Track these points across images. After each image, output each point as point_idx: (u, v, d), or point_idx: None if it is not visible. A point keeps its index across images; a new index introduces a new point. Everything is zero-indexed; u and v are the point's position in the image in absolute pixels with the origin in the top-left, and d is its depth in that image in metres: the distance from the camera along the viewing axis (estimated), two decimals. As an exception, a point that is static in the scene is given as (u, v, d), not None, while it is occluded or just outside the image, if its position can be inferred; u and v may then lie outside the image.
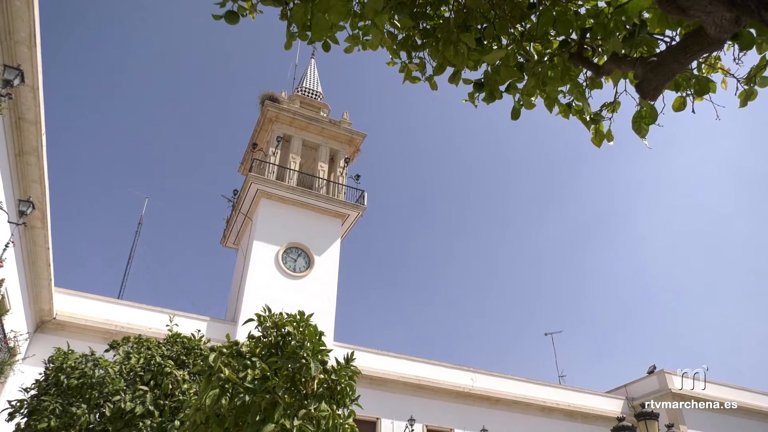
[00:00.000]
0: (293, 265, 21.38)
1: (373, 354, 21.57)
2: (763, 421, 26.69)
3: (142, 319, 17.79)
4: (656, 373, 26.14)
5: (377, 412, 20.40)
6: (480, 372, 23.42)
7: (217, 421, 3.99)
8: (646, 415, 11.81)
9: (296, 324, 4.22)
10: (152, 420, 6.69)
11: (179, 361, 7.32)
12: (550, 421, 23.78)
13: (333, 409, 4.00)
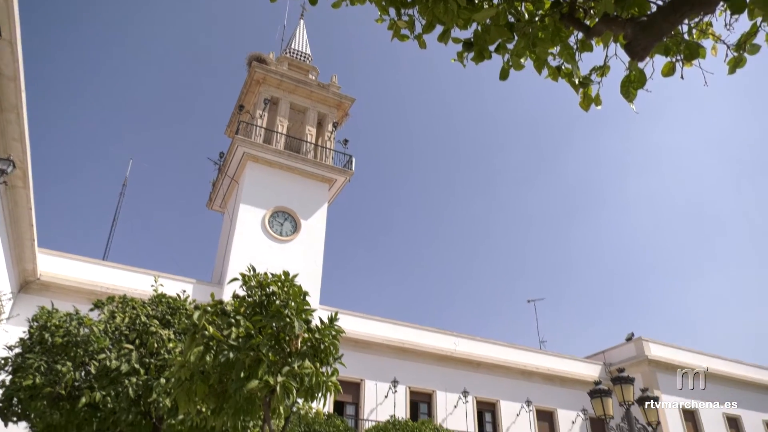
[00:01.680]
0: (280, 228, 21.37)
1: (358, 318, 21.81)
2: (733, 387, 27.63)
3: (128, 280, 17.76)
4: (634, 340, 26.82)
5: (362, 373, 20.76)
6: (463, 336, 23.83)
7: (201, 377, 4.03)
8: (621, 379, 12.12)
9: (281, 284, 4.24)
10: (138, 378, 6.74)
11: (164, 321, 7.36)
12: (530, 385, 24.40)
13: (316, 367, 4.06)
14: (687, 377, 25.89)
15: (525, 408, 23.70)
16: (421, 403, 21.95)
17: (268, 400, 4.04)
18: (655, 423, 11.94)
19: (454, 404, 22.07)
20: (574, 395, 24.76)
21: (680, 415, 25.03)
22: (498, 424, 22.98)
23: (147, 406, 6.79)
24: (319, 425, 12.58)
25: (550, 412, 24.49)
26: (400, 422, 14.15)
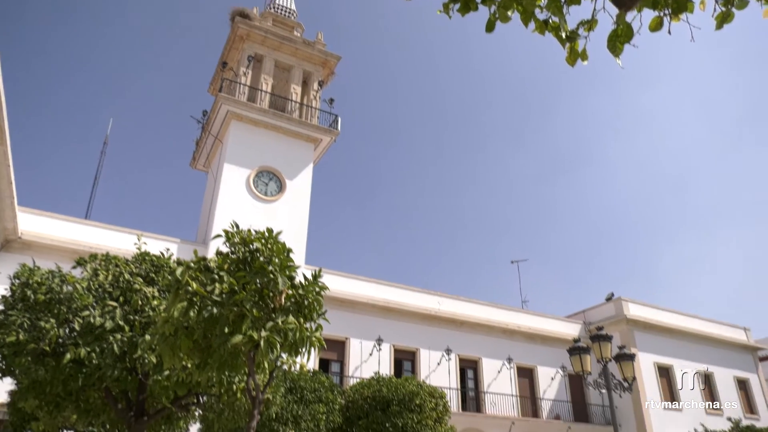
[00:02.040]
0: (264, 188, 21.23)
1: (343, 277, 21.98)
2: (707, 345, 28.56)
3: (110, 239, 17.63)
4: (613, 300, 27.44)
5: (346, 332, 21.07)
6: (446, 296, 24.19)
7: (185, 333, 4.05)
8: (600, 337, 12.45)
9: (264, 241, 4.23)
10: (122, 334, 6.76)
11: (148, 279, 7.34)
12: (511, 343, 24.98)
13: (300, 323, 4.09)
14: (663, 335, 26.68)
15: (506, 365, 24.32)
16: (405, 360, 22.41)
17: (253, 355, 4.08)
18: (630, 378, 12.31)
19: (437, 362, 22.58)
20: (554, 353, 25.44)
21: (655, 371, 25.89)
22: (480, 381, 23.60)
23: (132, 362, 6.83)
24: (304, 381, 12.81)
25: (530, 369, 25.17)
26: (384, 379, 14.44)
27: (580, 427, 24.35)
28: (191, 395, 7.71)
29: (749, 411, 28.25)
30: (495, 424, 22.27)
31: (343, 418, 13.66)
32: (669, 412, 25.18)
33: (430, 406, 13.66)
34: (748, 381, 29.25)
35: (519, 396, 24.07)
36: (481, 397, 23.22)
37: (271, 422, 11.68)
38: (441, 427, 13.70)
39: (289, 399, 12.22)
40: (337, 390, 13.66)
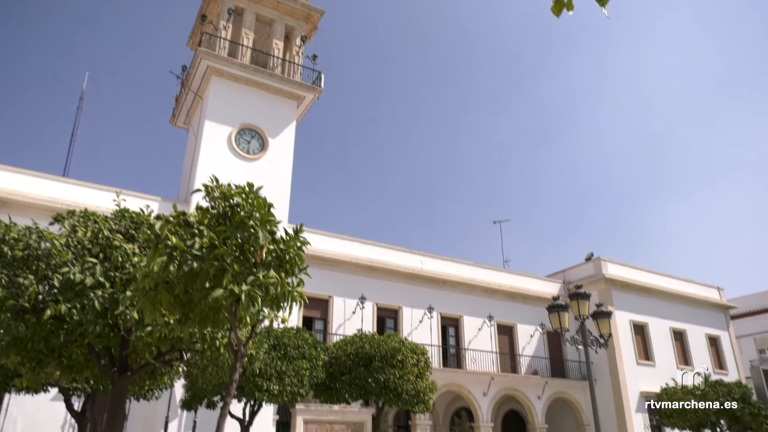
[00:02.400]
0: (246, 146, 20.94)
1: (327, 236, 22.01)
2: (681, 303, 29.37)
3: (89, 197, 17.36)
4: (593, 260, 27.94)
5: (330, 290, 21.24)
6: (429, 255, 24.42)
7: (166, 287, 4.03)
8: (578, 295, 12.71)
9: (245, 195, 4.17)
10: (103, 291, 6.71)
11: (128, 236, 7.25)
12: (492, 301, 25.44)
13: (281, 277, 4.09)
14: (639, 294, 27.33)
15: (487, 323, 24.82)
16: (387, 318, 22.74)
17: (234, 309, 4.09)
18: (607, 335, 12.64)
19: (419, 319, 22.95)
20: (534, 311, 25.99)
21: (631, 328, 26.64)
22: (461, 338, 24.10)
23: (114, 318, 6.81)
24: (288, 338, 12.94)
25: (510, 327, 25.74)
26: (367, 335, 14.67)
27: (556, 382, 25.13)
28: (174, 351, 7.74)
29: (719, 367, 29.34)
30: (475, 380, 22.88)
31: (326, 373, 13.90)
32: (642, 368, 26.06)
33: (411, 361, 13.94)
34: (718, 338, 30.27)
35: (499, 352, 24.67)
36: (462, 354, 23.76)
37: (255, 378, 11.85)
38: (422, 382, 14.02)
39: (272, 355, 12.37)
40: (321, 347, 13.84)
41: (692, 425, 21.15)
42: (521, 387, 24.19)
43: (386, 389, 13.48)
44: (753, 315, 36.64)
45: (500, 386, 23.56)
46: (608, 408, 24.47)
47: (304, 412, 11.43)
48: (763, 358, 35.51)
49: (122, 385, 7.54)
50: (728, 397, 20.46)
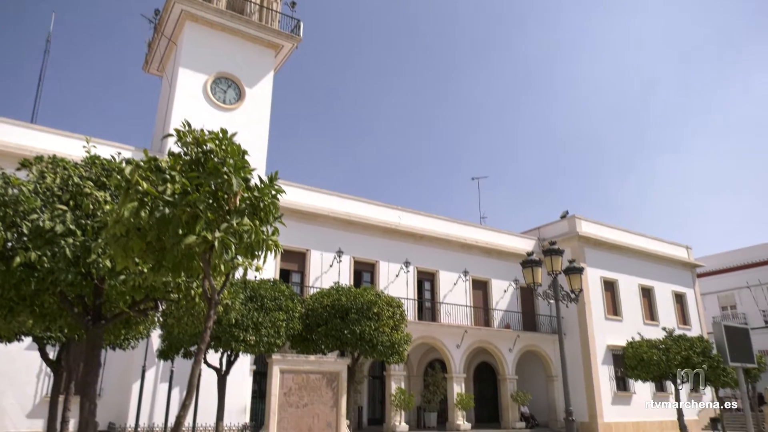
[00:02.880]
0: (223, 96, 20.43)
1: (304, 189, 21.88)
2: (650, 261, 30.18)
3: (58, 144, 16.86)
4: (567, 218, 28.36)
5: (307, 244, 21.27)
6: (407, 210, 24.51)
7: (137, 234, 3.96)
8: (552, 251, 12.95)
9: (218, 141, 4.07)
10: (74, 239, 6.59)
11: (99, 183, 7.06)
12: (468, 257, 25.80)
13: (256, 225, 4.05)
14: (611, 251, 27.93)
15: (462, 278, 25.23)
16: (364, 272, 22.95)
17: (208, 257, 4.05)
18: (578, 290, 12.96)
19: (396, 274, 23.22)
20: (508, 267, 26.47)
21: (601, 284, 27.37)
22: (436, 292, 24.51)
23: (86, 266, 6.70)
24: (264, 290, 12.99)
25: (484, 282, 26.23)
26: (344, 288, 14.79)
27: (528, 335, 25.87)
28: (149, 300, 7.69)
29: (683, 322, 30.47)
30: (449, 333, 23.41)
31: (302, 325, 14.04)
32: (610, 323, 26.93)
33: (387, 314, 14.15)
34: (684, 295, 31.33)
35: (473, 306, 25.20)
36: (437, 308, 24.22)
37: (232, 328, 11.92)
38: (397, 334, 14.28)
39: (249, 307, 12.43)
40: (297, 299, 13.94)
41: (654, 377, 22.09)
42: (493, 340, 24.86)
43: (362, 340, 13.71)
44: (718, 274, 37.91)
45: (473, 339, 24.17)
46: (576, 360, 25.36)
47: (280, 362, 11.58)
48: (725, 314, 36.97)
49: (96, 333, 7.50)
50: (690, 350, 21.34)
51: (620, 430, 24.95)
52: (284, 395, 11.44)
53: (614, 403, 25.52)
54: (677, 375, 21.86)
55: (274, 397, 11.31)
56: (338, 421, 11.82)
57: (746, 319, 34.91)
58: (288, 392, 11.49)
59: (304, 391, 11.68)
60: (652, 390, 27.18)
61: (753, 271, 36.30)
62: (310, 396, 11.71)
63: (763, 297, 35.52)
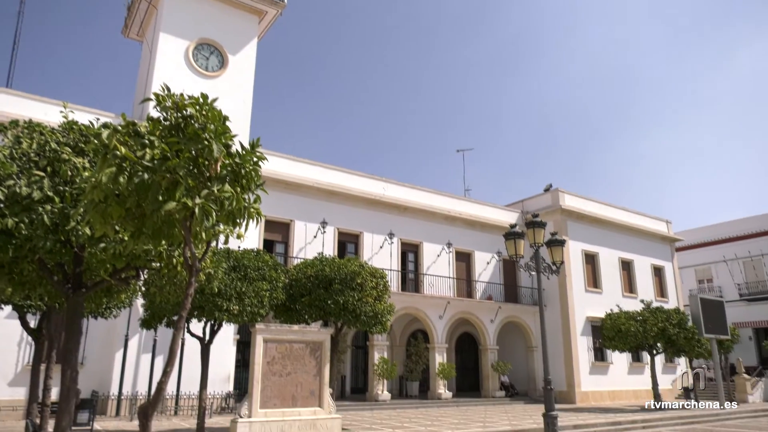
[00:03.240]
0: (205, 63, 20.01)
1: (289, 160, 21.70)
2: (631, 235, 30.60)
3: (35, 109, 16.46)
4: (551, 191, 28.55)
5: (291, 214, 21.20)
6: (391, 182, 24.47)
7: (117, 200, 3.89)
8: (535, 223, 13.05)
9: (199, 107, 3.98)
10: (53, 206, 6.48)
11: (77, 149, 6.91)
12: (452, 229, 25.94)
13: (237, 192, 3.99)
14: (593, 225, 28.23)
15: (446, 249, 25.40)
16: (348, 243, 22.98)
17: (189, 224, 4.00)
18: (559, 262, 13.12)
19: (380, 245, 23.29)
20: (492, 239, 26.69)
21: (582, 257, 27.75)
22: (420, 264, 24.67)
23: (66, 234, 6.61)
24: (248, 260, 12.94)
25: (468, 254, 26.44)
26: (327, 259, 14.80)
27: (509, 306, 26.25)
28: (131, 269, 7.63)
29: (660, 295, 31.12)
30: (432, 304, 23.66)
31: (286, 295, 14.06)
32: (590, 295, 27.39)
33: (370, 284, 14.21)
34: (663, 269, 31.92)
35: (456, 278, 25.44)
36: (420, 279, 24.41)
37: (215, 298, 11.90)
38: (380, 304, 14.38)
39: (232, 276, 12.39)
40: (281, 269, 13.92)
41: (631, 347, 22.63)
42: (475, 311, 25.19)
43: (345, 311, 13.79)
44: (696, 248, 38.64)
45: (456, 310, 24.46)
46: (556, 331, 25.85)
47: (263, 331, 11.63)
48: (702, 287, 37.82)
49: (77, 302, 7.44)
50: (666, 322, 21.86)
51: (597, 398, 25.62)
52: (268, 364, 11.52)
53: (592, 373, 26.15)
54: (653, 346, 22.43)
55: (258, 365, 11.38)
56: (321, 389, 11.96)
57: (722, 293, 35.77)
58: (271, 361, 11.58)
59: (288, 360, 11.77)
60: (629, 360, 27.87)
61: (730, 246, 37.06)
62: (293, 365, 11.81)
63: (739, 271, 36.36)
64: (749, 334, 34.92)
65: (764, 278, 35.23)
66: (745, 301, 35.43)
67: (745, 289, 35.84)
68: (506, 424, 15.44)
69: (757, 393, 27.45)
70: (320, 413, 11.75)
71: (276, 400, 11.43)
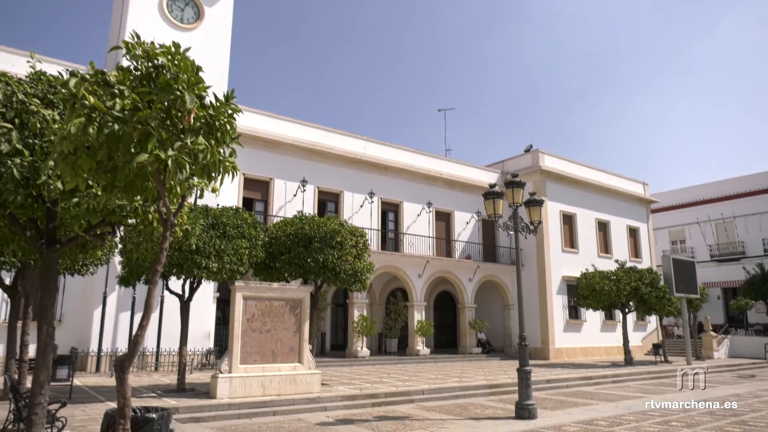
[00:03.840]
0: (180, 14, 19.33)
1: (268, 117, 21.35)
2: (608, 196, 31.02)
3: (3, 62, 15.85)
4: (531, 152, 28.65)
5: (271, 172, 21.00)
6: (372, 141, 24.30)
7: (87, 152, 3.79)
8: (513, 183, 13.09)
9: (171, 56, 3.85)
10: (22, 159, 6.30)
11: (46, 101, 6.69)
12: (432, 188, 26.00)
13: (211, 145, 3.91)
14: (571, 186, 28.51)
15: (426, 209, 25.51)
16: (328, 202, 22.93)
17: (162, 177, 3.92)
18: (537, 222, 13.25)
19: (360, 204, 23.28)
20: (472, 199, 26.84)
21: (560, 218, 28.12)
22: (400, 223, 24.78)
23: (37, 188, 6.46)
24: (227, 218, 12.84)
25: (447, 214, 26.61)
26: (307, 217, 14.76)
27: (488, 266, 26.64)
28: (106, 225, 7.52)
29: (635, 255, 31.82)
30: (411, 263, 23.89)
31: (265, 253, 14.05)
32: (567, 255, 27.89)
33: (350, 243, 14.25)
34: (638, 230, 32.54)
35: (435, 237, 25.65)
36: (400, 238, 24.56)
37: (193, 255, 11.84)
38: (360, 262, 14.45)
39: (211, 234, 12.31)
40: (260, 227, 13.86)
41: (604, 306, 23.24)
42: (454, 270, 25.53)
43: (325, 269, 13.85)
44: (671, 210, 39.39)
45: (435, 269, 24.76)
46: (532, 290, 26.38)
47: (243, 288, 11.65)
48: (675, 248, 38.75)
49: (51, 257, 7.32)
50: (639, 282, 22.42)
51: (570, 354, 26.42)
52: (247, 321, 11.60)
53: (566, 331, 26.88)
54: (626, 304, 23.06)
55: (237, 322, 11.46)
56: (301, 345, 12.11)
57: (694, 254, 36.72)
58: (251, 318, 11.65)
59: (267, 317, 11.85)
60: (602, 318, 28.67)
61: (703, 208, 37.84)
62: (273, 322, 11.90)
63: (711, 233, 37.24)
64: (718, 293, 36.08)
65: (735, 240, 36.19)
66: (716, 261, 36.45)
67: (716, 250, 36.81)
68: (482, 379, 15.88)
69: (723, 350, 28.56)
70: (300, 369, 11.93)
71: (256, 356, 11.56)
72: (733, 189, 36.92)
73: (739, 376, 20.47)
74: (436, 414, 10.86)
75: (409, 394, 12.76)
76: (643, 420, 10.27)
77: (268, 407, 10.63)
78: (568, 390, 15.39)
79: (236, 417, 10.06)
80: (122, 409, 4.01)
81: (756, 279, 31.65)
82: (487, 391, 14.05)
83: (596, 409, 11.68)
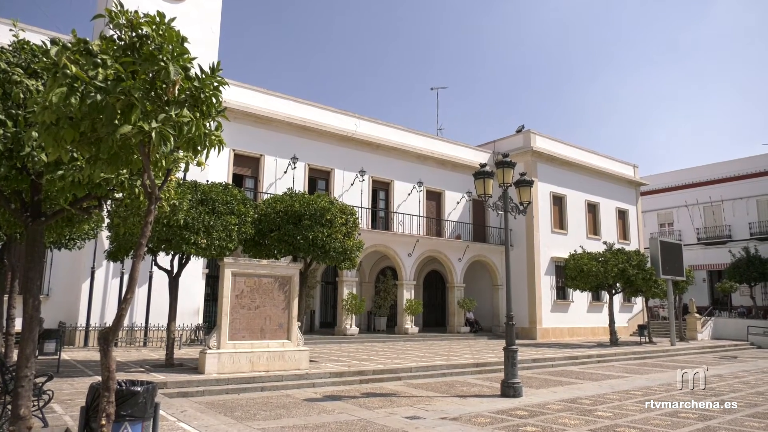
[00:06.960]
0: (169, -14, 18.90)
1: (259, 93, 21.12)
2: (597, 178, 31.12)
3: (-13, 30, 15.47)
4: (523, 132, 28.61)
5: (261, 149, 20.84)
6: (364, 118, 24.13)
7: (70, 123, 3.72)
8: (504, 163, 13.07)
9: (155, 26, 3.76)
10: (5, 130, 6.19)
11: (30, 71, 6.54)
12: (423, 167, 25.96)
13: (197, 117, 3.85)
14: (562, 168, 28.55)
15: (416, 188, 25.50)
16: (319, 179, 22.85)
17: (147, 150, 3.86)
18: (526, 203, 13.27)
19: (350, 182, 23.22)
20: (462, 179, 26.85)
21: (550, 199, 28.22)
22: (390, 202, 24.77)
23: (20, 160, 6.35)
24: (216, 194, 12.74)
25: (438, 193, 26.63)
26: (297, 194, 14.69)
27: (477, 246, 26.77)
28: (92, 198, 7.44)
29: (623, 237, 32.08)
30: (402, 242, 23.95)
31: (255, 230, 14.00)
32: (556, 236, 28.06)
33: (340, 221, 14.23)
34: (627, 212, 32.76)
35: (425, 217, 25.70)
36: (391, 217, 24.58)
37: (182, 231, 11.77)
38: (350, 241, 14.45)
39: (200, 210, 12.22)
40: (250, 203, 13.78)
41: (592, 287, 23.47)
42: (444, 249, 25.63)
43: (314, 246, 13.84)
44: (660, 192, 39.64)
45: (425, 248, 24.84)
46: (521, 270, 26.58)
47: (232, 265, 11.62)
48: (663, 231, 39.08)
49: (36, 230, 7.24)
50: (626, 263, 22.63)
51: (557, 334, 26.76)
52: (236, 297, 11.60)
53: (553, 311, 27.17)
54: (613, 286, 23.30)
55: (226, 299, 11.45)
56: (290, 322, 12.15)
57: (681, 236, 37.07)
58: (240, 294, 11.65)
59: (256, 294, 11.86)
60: (589, 299, 28.99)
61: (692, 191, 38.11)
62: (262, 298, 11.91)
63: (698, 216, 37.57)
64: (703, 276, 36.54)
65: (722, 223, 36.55)
66: (703, 244, 36.85)
67: (703, 234, 37.19)
68: (469, 357, 16.06)
69: (707, 331, 29.04)
70: (288, 345, 11.98)
71: (245, 333, 11.59)
72: (721, 173, 37.16)
73: (722, 357, 20.85)
74: (423, 391, 10.99)
75: (396, 371, 12.88)
76: (626, 399, 10.45)
77: (256, 383, 10.70)
78: (553, 369, 15.61)
79: (224, 392, 10.12)
80: (106, 382, 4.00)
81: (741, 262, 32.07)
82: (474, 369, 14.22)
83: (581, 388, 11.87)
